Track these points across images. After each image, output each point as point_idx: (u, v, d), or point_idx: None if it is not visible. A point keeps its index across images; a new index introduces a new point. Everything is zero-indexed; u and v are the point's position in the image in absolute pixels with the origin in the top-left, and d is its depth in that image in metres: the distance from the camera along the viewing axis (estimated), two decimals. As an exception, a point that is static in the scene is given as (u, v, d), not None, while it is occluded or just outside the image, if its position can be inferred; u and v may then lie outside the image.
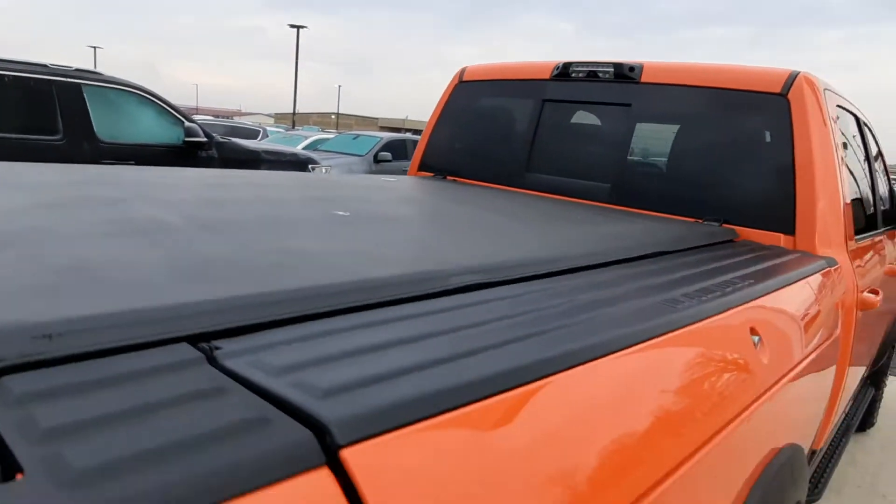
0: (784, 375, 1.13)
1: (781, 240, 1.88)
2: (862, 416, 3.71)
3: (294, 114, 32.85)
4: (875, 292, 2.01)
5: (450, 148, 2.73)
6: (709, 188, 2.02)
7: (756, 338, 1.05)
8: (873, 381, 3.48)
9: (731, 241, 1.86)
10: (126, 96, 4.94)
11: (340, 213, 1.40)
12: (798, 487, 1.24)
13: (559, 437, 0.62)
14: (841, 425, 2.41)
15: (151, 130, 5.07)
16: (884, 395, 4.18)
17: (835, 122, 1.97)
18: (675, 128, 2.14)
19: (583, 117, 2.40)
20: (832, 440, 2.35)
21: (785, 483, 1.12)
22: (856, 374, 2.28)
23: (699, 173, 2.05)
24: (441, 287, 0.88)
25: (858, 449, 3.74)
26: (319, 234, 1.14)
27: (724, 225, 1.95)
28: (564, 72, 2.40)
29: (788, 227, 1.88)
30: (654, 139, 2.21)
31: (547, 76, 2.45)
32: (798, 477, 1.24)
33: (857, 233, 2.26)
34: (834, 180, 1.89)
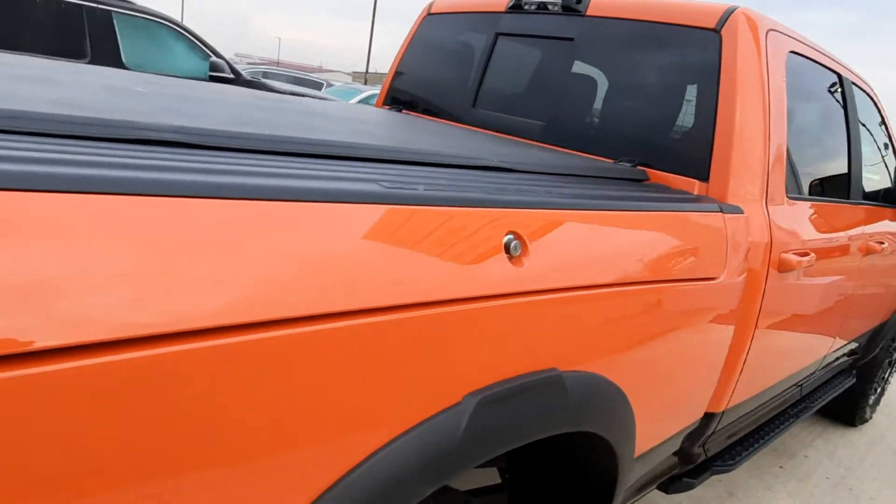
0: (560, 291, 1.06)
1: (696, 186, 1.76)
2: (846, 407, 3.50)
3: (366, 73, 32.97)
4: (803, 254, 1.86)
5: (411, 82, 2.68)
6: (633, 130, 1.91)
7: (515, 241, 0.99)
8: (860, 371, 3.25)
9: (636, 180, 1.75)
10: (156, 27, 5.08)
11: (139, 89, 1.38)
12: (565, 417, 1.15)
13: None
14: (776, 398, 2.27)
15: (178, 62, 5.20)
16: (885, 392, 3.92)
17: (774, 66, 1.81)
18: (612, 63, 2.02)
19: (534, 52, 2.30)
20: (759, 413, 2.21)
21: (538, 399, 1.06)
22: (792, 345, 2.13)
23: (626, 114, 1.94)
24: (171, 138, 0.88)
25: (843, 443, 3.54)
26: (108, 92, 1.14)
27: (639, 167, 1.84)
28: (517, 4, 2.30)
29: (703, 174, 1.76)
30: (594, 75, 2.10)
31: (503, 9, 2.36)
32: (573, 407, 1.15)
33: (810, 194, 2.10)
34: (760, 128, 1.75)
